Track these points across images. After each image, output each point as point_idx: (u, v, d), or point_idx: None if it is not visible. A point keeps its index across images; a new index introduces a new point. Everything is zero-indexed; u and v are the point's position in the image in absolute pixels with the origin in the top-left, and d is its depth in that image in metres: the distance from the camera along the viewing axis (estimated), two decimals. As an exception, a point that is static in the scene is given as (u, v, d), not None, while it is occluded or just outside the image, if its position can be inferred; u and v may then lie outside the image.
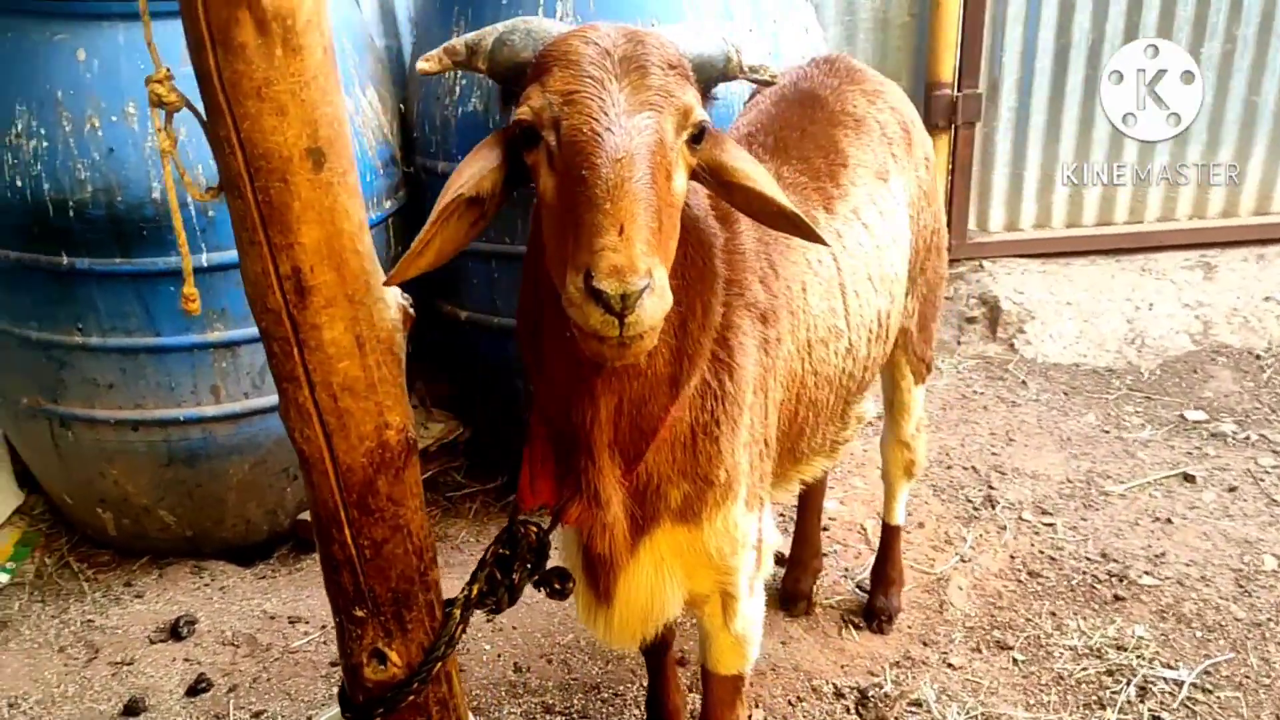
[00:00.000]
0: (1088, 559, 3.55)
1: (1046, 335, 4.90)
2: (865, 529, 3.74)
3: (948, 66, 4.77)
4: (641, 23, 3.31)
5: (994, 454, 4.14)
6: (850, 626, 3.32)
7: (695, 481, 1.92)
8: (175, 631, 3.52)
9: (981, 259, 5.20)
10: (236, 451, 3.59)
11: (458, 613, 1.83)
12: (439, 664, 1.78)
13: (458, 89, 3.51)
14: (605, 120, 1.45)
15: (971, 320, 5.02)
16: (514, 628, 3.35)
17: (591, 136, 1.44)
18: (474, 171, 1.59)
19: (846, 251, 2.33)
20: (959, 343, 4.98)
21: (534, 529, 1.92)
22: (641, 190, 1.42)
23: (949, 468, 4.08)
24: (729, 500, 1.98)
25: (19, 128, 3.14)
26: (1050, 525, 3.73)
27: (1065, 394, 4.60)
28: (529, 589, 1.98)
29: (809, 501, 3.37)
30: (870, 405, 2.68)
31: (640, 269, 1.36)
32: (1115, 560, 3.52)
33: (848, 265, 2.33)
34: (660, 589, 2.01)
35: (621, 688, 3.08)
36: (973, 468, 4.06)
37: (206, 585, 3.74)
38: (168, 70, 1.47)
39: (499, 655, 3.25)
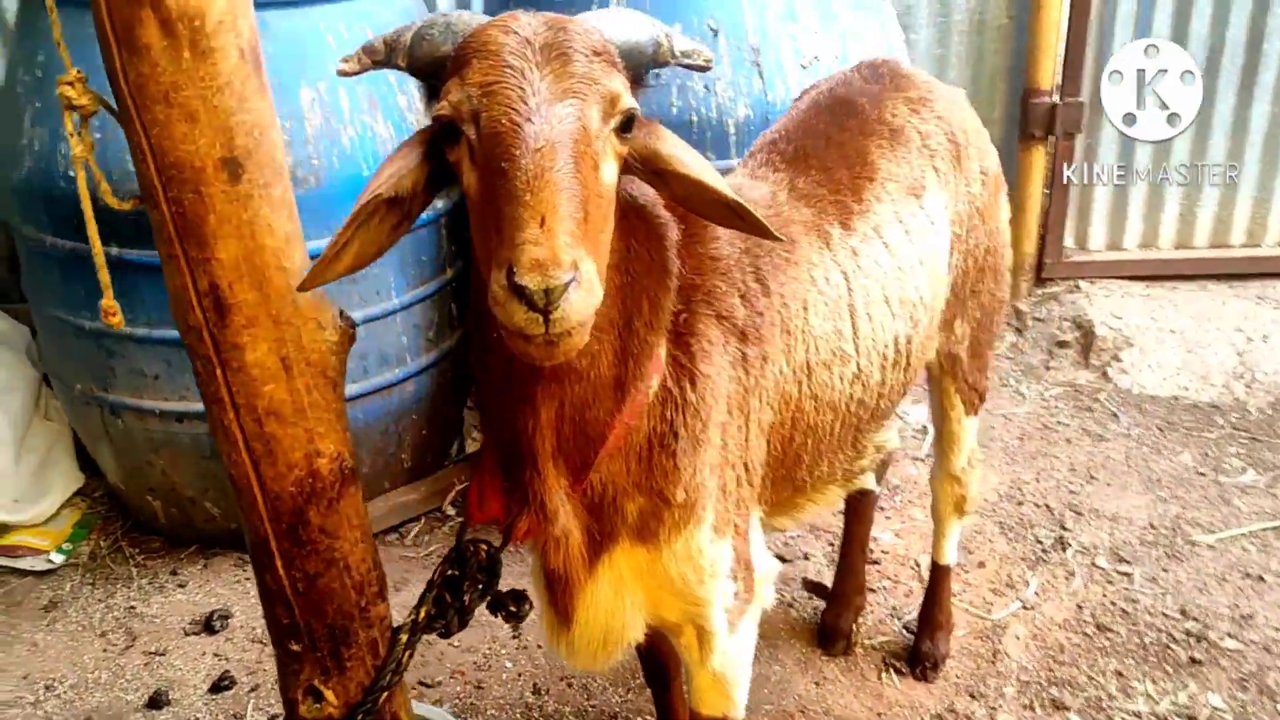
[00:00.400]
0: (1165, 615, 3.26)
1: (1145, 364, 4.56)
2: (919, 565, 3.51)
3: (1047, 73, 4.48)
4: (698, 22, 3.18)
5: (1071, 491, 3.86)
6: (892, 671, 3.11)
7: (651, 497, 1.81)
8: (209, 625, 3.53)
9: (1078, 279, 4.88)
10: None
11: (404, 638, 1.74)
12: (382, 696, 1.67)
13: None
14: (525, 110, 1.38)
15: (1063, 344, 4.71)
16: (538, 646, 3.24)
17: (510, 127, 1.37)
18: (393, 171, 1.51)
19: (861, 271, 2.17)
20: (1047, 368, 4.67)
21: (484, 547, 1.85)
22: (564, 180, 1.36)
23: (1020, 503, 3.81)
24: (690, 523, 1.86)
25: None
26: (1126, 575, 3.44)
27: (1160, 430, 4.26)
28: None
29: (854, 532, 3.18)
30: (894, 435, 2.48)
31: (564, 262, 1.29)
32: (1195, 619, 3.23)
33: (860, 285, 2.16)
34: (620, 611, 1.92)
35: (640, 719, 2.95)
36: (1046, 505, 3.79)
37: (247, 579, 3.74)
38: (78, 71, 1.39)
39: (519, 675, 3.15)
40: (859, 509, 3.17)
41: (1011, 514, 3.76)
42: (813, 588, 3.41)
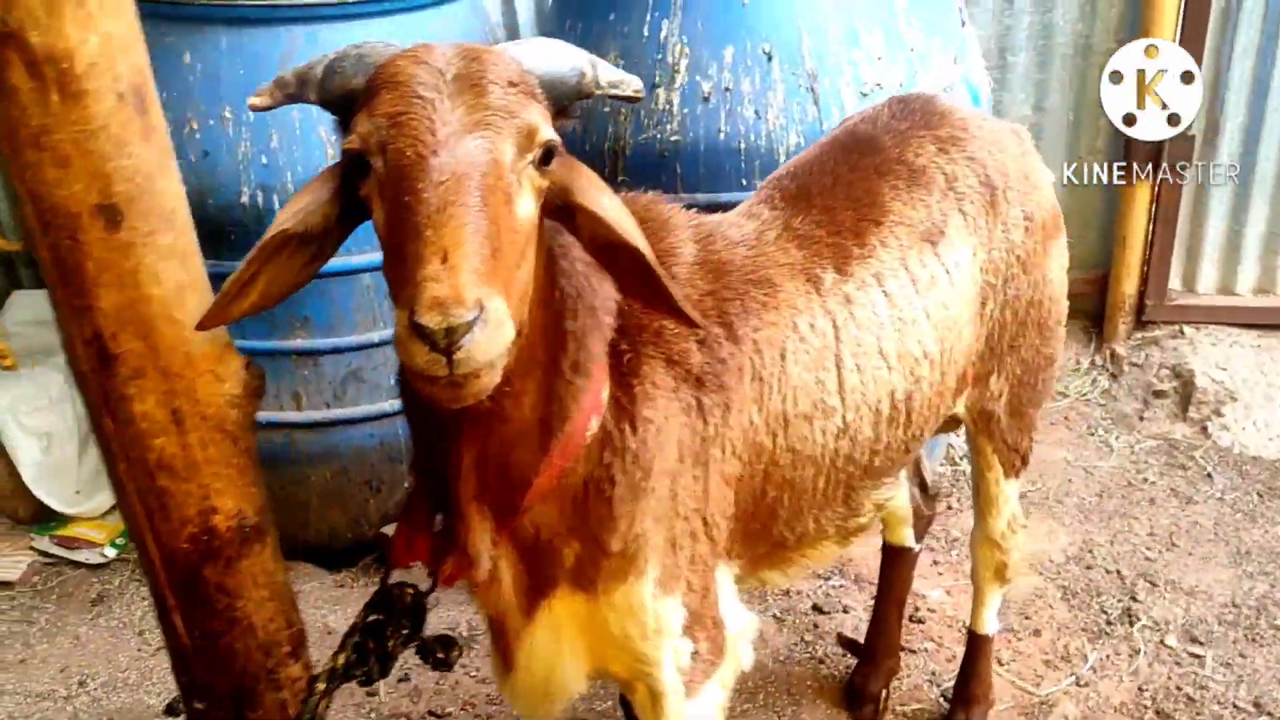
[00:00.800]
0: (1235, 705, 2.97)
1: (1249, 422, 4.19)
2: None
3: (1155, 102, 4.17)
4: (751, 45, 3.05)
5: (1148, 558, 3.57)
6: (923, 743, 2.92)
7: (587, 542, 1.74)
8: (171, 710, 3.54)
9: (1183, 323, 4.53)
10: (318, 459, 3.57)
11: (320, 687, 1.67)
12: (285, 773, 1.60)
13: (560, 108, 3.34)
14: (431, 141, 1.32)
15: (1159, 394, 4.37)
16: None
17: (415, 159, 1.32)
18: (300, 207, 1.46)
19: (853, 320, 2.03)
20: (1141, 418, 4.35)
21: (409, 591, 1.78)
22: (470, 215, 1.29)
23: (1089, 567, 3.54)
24: (631, 575, 1.78)
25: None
26: (1198, 657, 3.15)
27: (1259, 496, 3.91)
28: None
29: (889, 590, 2.99)
30: (901, 494, 2.31)
31: (467, 300, 1.23)
32: (1270, 713, 2.93)
33: (851, 336, 2.02)
34: (559, 661, 1.86)
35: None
36: (1117, 571, 3.51)
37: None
38: None
39: None
40: (897, 566, 2.98)
41: (1078, 578, 3.50)
42: (847, 644, 3.22)
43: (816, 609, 3.45)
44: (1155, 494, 3.90)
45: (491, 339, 1.26)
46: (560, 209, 1.50)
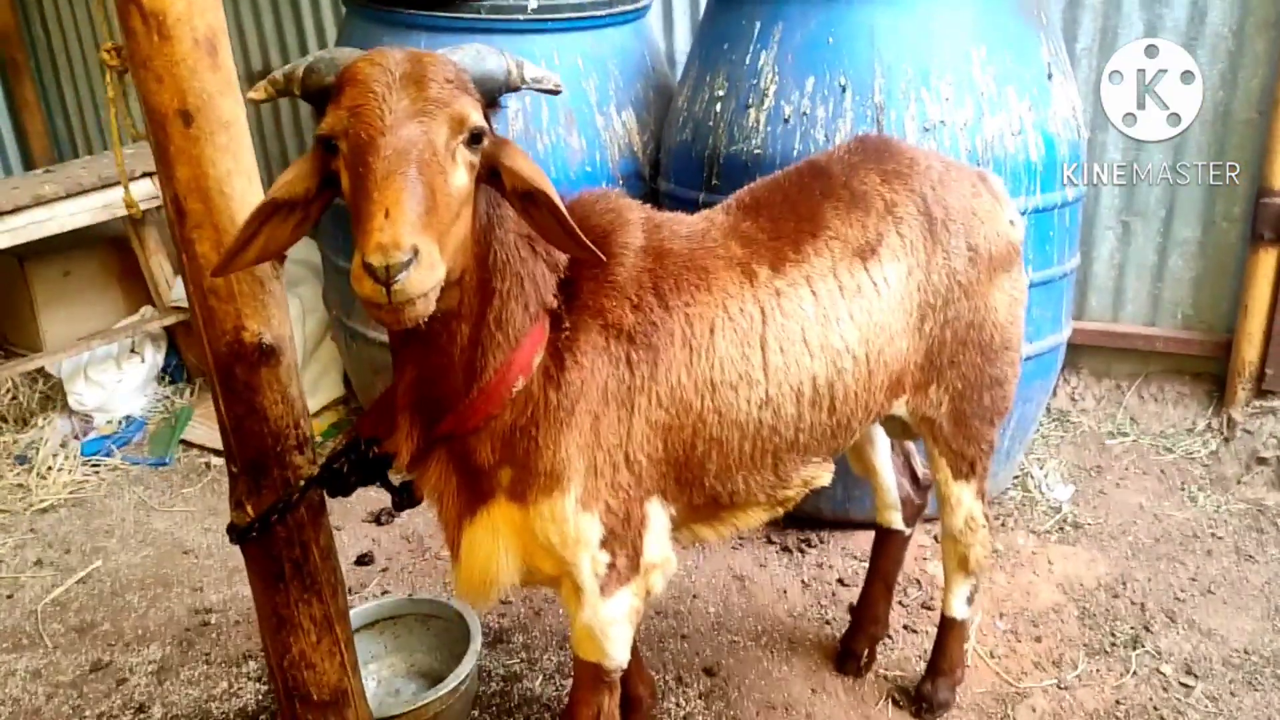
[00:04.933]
0: (1204, 735, 3.13)
1: (1350, 501, 4.14)
2: (972, 626, 3.53)
3: (1282, 172, 4.22)
4: (829, 77, 3.52)
5: (1178, 599, 3.68)
6: (890, 702, 3.26)
7: (517, 468, 2.18)
8: (378, 518, 4.37)
9: (1305, 397, 4.49)
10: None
11: (300, 485, 2.31)
12: (274, 518, 2.28)
13: (680, 119, 3.93)
14: (381, 126, 1.71)
15: (1262, 460, 4.36)
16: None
17: (369, 140, 1.72)
18: (287, 179, 1.88)
19: (779, 310, 2.39)
20: (1239, 482, 4.35)
21: (375, 447, 2.33)
22: (408, 181, 1.67)
23: (1115, 596, 3.70)
24: (557, 492, 2.19)
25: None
26: (1187, 687, 3.29)
27: (1333, 569, 3.90)
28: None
29: (877, 567, 3.35)
30: (827, 475, 2.63)
31: (404, 245, 1.61)
32: (1236, 749, 3.06)
33: (776, 323, 2.38)
34: (495, 555, 2.27)
35: None
36: (1142, 604, 3.65)
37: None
38: (114, 43, 2.13)
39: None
40: (886, 546, 3.33)
41: (1099, 603, 3.68)
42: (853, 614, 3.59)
43: (840, 581, 3.84)
44: (1217, 548, 3.97)
45: (424, 276, 1.63)
46: (493, 177, 1.94)
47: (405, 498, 2.35)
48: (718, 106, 3.74)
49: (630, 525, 2.33)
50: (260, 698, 3.40)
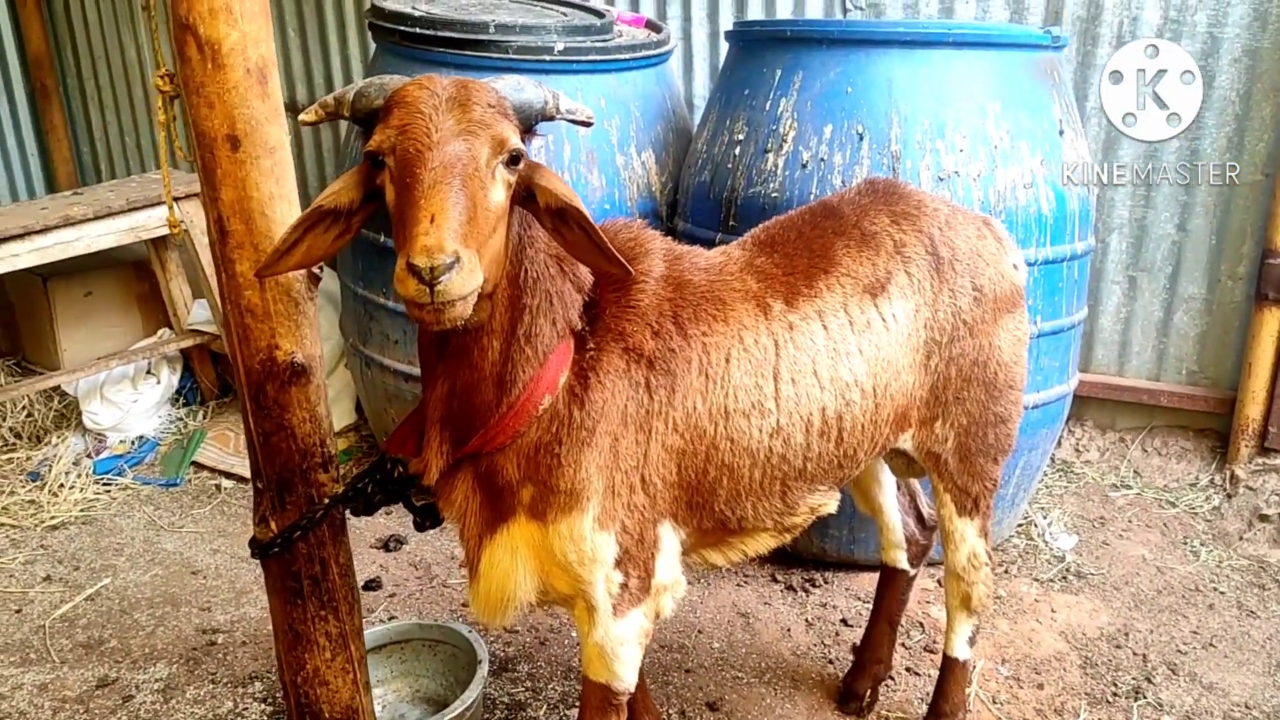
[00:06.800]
0: (1203, 786, 3.14)
1: (1352, 560, 4.17)
2: (975, 670, 3.57)
3: (1286, 233, 4.30)
4: (847, 125, 3.60)
5: (1180, 651, 3.71)
6: (891, 743, 3.29)
7: (539, 485, 2.23)
8: (387, 545, 4.41)
9: (1308, 457, 4.54)
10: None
11: (325, 503, 2.37)
12: (297, 534, 2.34)
13: (699, 160, 4.02)
14: (428, 141, 1.83)
15: (1264, 518, 4.40)
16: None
17: (416, 154, 1.83)
18: (334, 189, 2.00)
19: (792, 343, 2.46)
20: (1241, 539, 4.39)
21: (399, 467, 2.39)
22: (451, 192, 1.78)
23: (1117, 646, 3.73)
24: (575, 510, 2.24)
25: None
26: (1187, 739, 3.33)
27: (1333, 627, 3.93)
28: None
29: (880, 605, 3.37)
30: (832, 504, 2.68)
31: (447, 249, 1.70)
32: (1232, 799, 3.08)
33: (789, 355, 2.45)
34: (513, 572, 2.31)
35: None
36: (1144, 655, 3.68)
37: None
38: (167, 69, 2.22)
39: (571, 642, 3.66)
40: (890, 585, 3.36)
41: (1102, 653, 3.70)
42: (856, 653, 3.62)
43: (844, 621, 3.87)
44: (1219, 602, 4.00)
45: (465, 279, 1.72)
46: (528, 198, 2.04)
47: (427, 518, 2.40)
48: (737, 150, 3.84)
49: (644, 546, 2.38)
50: (265, 719, 3.42)
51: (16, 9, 7.60)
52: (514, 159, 1.93)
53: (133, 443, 5.45)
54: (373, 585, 4.12)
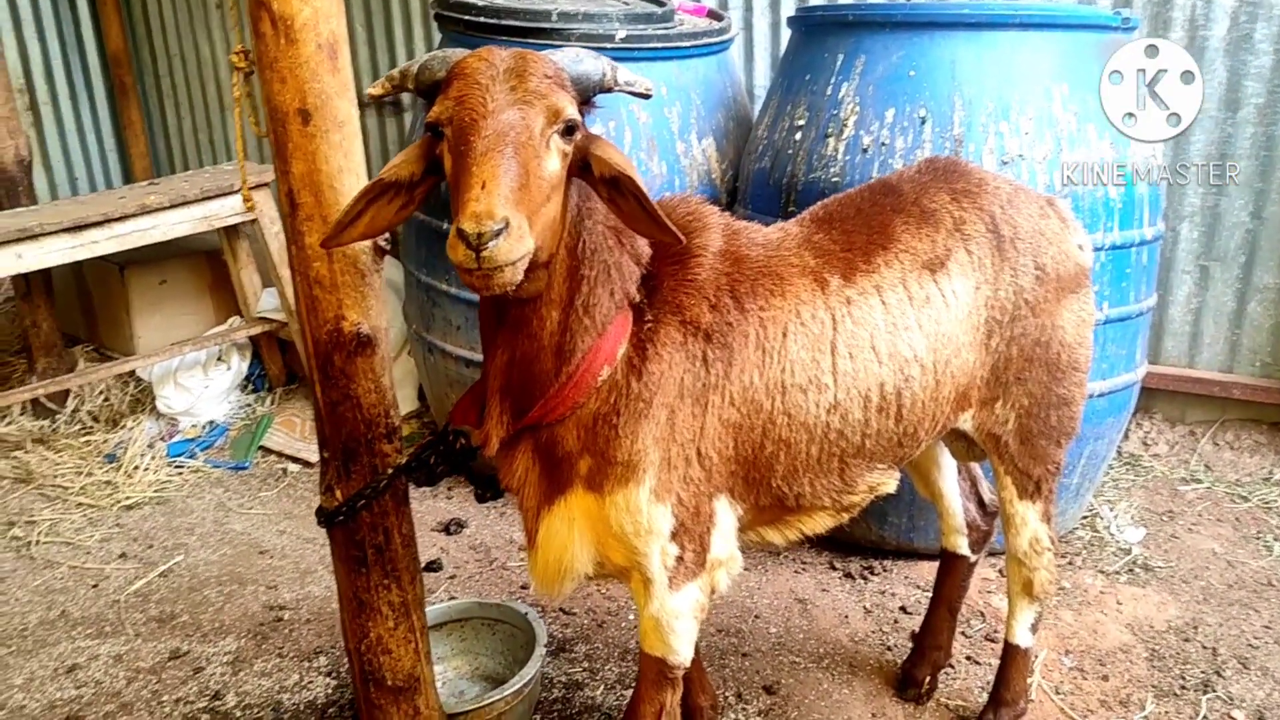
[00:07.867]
0: (1274, 782, 3.07)
1: None
2: (1037, 659, 3.52)
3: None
4: (910, 109, 3.58)
5: (1252, 645, 3.63)
6: (950, 731, 3.26)
7: (596, 456, 2.25)
8: (447, 528, 4.47)
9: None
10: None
11: (389, 473, 2.42)
12: (361, 503, 2.39)
13: (759, 146, 4.02)
14: (484, 110, 1.85)
15: (1343, 512, 4.31)
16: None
17: (471, 123, 1.85)
18: (397, 162, 2.02)
19: (850, 317, 2.45)
20: (1319, 534, 4.30)
21: (462, 439, 2.44)
22: (504, 160, 1.79)
23: (1186, 640, 3.65)
24: (631, 482, 2.25)
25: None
26: (1258, 733, 3.25)
27: None
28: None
29: (940, 592, 3.35)
30: (892, 483, 2.68)
31: (496, 215, 1.71)
32: (1305, 796, 3.01)
33: (847, 330, 2.44)
34: (570, 543, 2.33)
35: None
36: (1214, 649, 3.60)
37: (491, 508, 4.62)
38: (243, 46, 2.28)
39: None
40: (950, 571, 3.33)
41: (1169, 646, 3.63)
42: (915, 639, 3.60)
43: (903, 609, 3.84)
44: (1298, 596, 3.92)
45: (512, 246, 1.73)
46: (585, 169, 2.05)
47: (488, 489, 2.43)
48: (797, 135, 3.83)
49: (699, 520, 2.38)
50: (330, 691, 3.49)
51: (97, 9, 7.83)
52: (569, 129, 1.94)
53: (204, 427, 5.59)
54: (433, 567, 4.18)
